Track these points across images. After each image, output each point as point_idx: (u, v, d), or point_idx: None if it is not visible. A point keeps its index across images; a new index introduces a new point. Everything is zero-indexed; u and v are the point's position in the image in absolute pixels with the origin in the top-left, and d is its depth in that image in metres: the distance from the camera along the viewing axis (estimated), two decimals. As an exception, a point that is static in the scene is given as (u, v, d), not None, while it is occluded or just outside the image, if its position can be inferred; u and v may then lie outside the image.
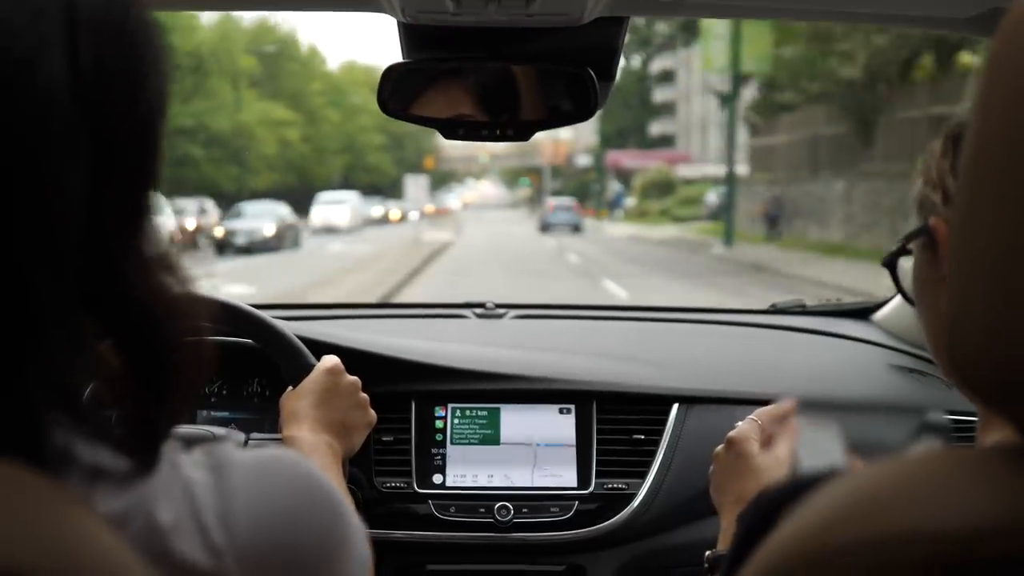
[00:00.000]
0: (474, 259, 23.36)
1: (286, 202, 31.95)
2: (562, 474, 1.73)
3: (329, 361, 1.42)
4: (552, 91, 1.46)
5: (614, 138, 61.76)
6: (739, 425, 1.24)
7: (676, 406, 1.77)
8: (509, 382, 1.79)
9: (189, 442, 0.65)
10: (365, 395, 1.41)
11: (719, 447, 1.24)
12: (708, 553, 1.17)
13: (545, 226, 38.74)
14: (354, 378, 1.41)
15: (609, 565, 1.72)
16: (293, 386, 1.43)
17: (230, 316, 1.53)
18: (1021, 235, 0.47)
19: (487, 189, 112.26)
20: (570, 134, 70.13)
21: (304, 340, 1.56)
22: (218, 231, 27.05)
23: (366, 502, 1.61)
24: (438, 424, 1.76)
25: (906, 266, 0.95)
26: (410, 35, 1.41)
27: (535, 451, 1.75)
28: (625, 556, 1.72)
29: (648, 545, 1.72)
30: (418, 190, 35.21)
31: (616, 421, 1.77)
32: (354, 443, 1.39)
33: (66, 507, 0.52)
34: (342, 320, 2.10)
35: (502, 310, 2.13)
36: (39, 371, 0.55)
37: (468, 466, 1.74)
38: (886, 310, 2.14)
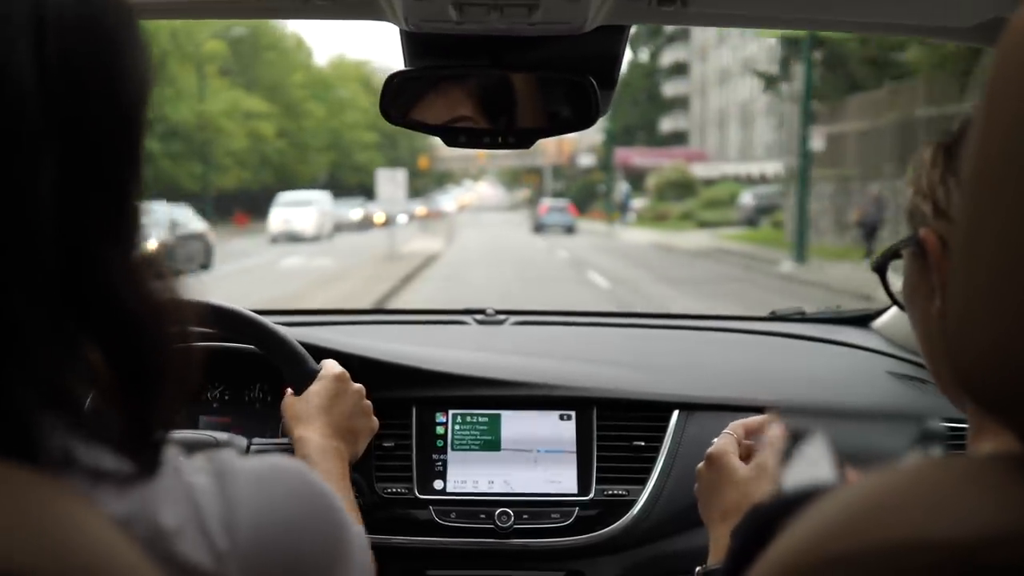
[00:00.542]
0: (466, 280, 18.68)
1: (255, 202, 29.44)
2: (562, 480, 1.73)
3: (336, 367, 1.43)
4: (553, 99, 1.47)
5: (621, 136, 58.48)
6: (716, 441, 1.25)
7: (676, 413, 1.77)
8: (510, 388, 1.79)
9: (191, 447, 0.65)
10: (369, 402, 1.43)
11: (700, 464, 1.25)
12: (698, 569, 1.17)
13: (539, 227, 38.58)
14: (359, 385, 1.43)
15: (609, 571, 1.72)
16: (295, 391, 1.44)
17: (231, 321, 1.53)
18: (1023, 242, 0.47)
19: (485, 190, 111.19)
20: (573, 133, 68.48)
21: (305, 346, 1.57)
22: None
23: (367, 508, 1.62)
24: (439, 430, 1.76)
25: (897, 272, 0.95)
26: (412, 43, 1.42)
27: (535, 457, 1.75)
28: (625, 562, 1.72)
29: (648, 552, 1.72)
30: (394, 188, 25.71)
31: (616, 427, 1.77)
32: (358, 449, 1.41)
33: (67, 507, 0.52)
34: (343, 326, 2.10)
35: (502, 316, 2.14)
36: (27, 374, 0.55)
37: (469, 472, 1.74)
38: (885, 317, 2.14)
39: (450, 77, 1.46)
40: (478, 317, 2.14)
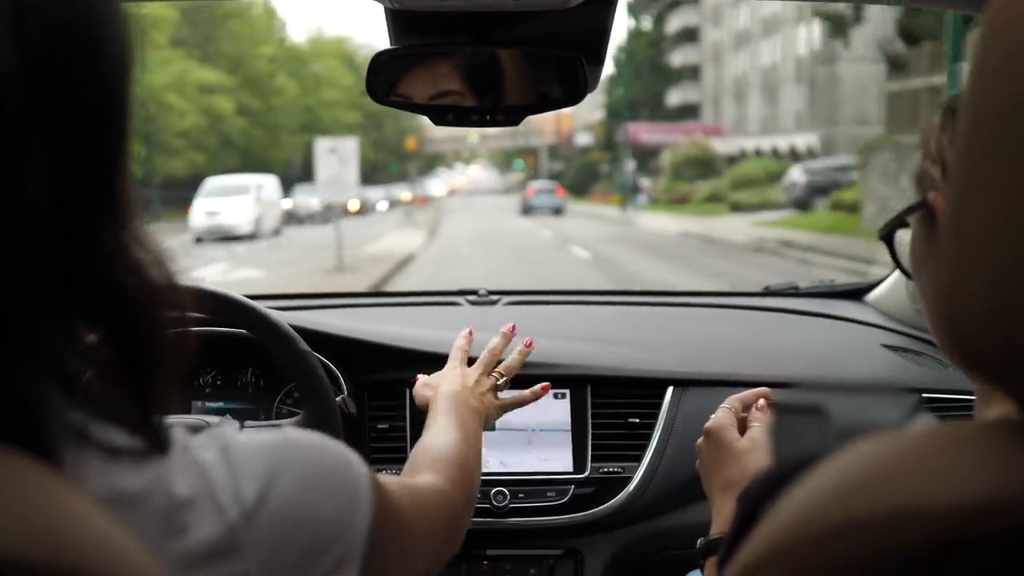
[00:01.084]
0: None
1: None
2: (558, 459, 1.73)
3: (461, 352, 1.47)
4: (541, 75, 1.46)
5: (623, 111, 52.33)
6: (713, 415, 1.26)
7: (671, 389, 1.77)
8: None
9: (187, 430, 0.65)
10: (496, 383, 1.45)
11: (699, 440, 1.26)
12: (701, 540, 1.17)
13: (527, 209, 38.14)
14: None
15: (606, 548, 1.72)
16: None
17: (220, 305, 1.52)
18: (1019, 207, 0.47)
19: (477, 174, 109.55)
20: (568, 109, 64.01)
21: (298, 329, 1.56)
22: None
23: None
24: None
25: (904, 240, 0.94)
26: (398, 21, 1.40)
27: (530, 436, 1.75)
28: (622, 539, 1.72)
29: (644, 528, 1.72)
30: (339, 166, 17.39)
31: (611, 405, 1.77)
32: (489, 418, 1.41)
33: (62, 494, 0.52)
34: (336, 309, 2.09)
35: (495, 296, 2.13)
36: (33, 357, 0.55)
37: None
38: (880, 290, 2.14)
39: (436, 54, 1.45)
40: (471, 298, 2.13)
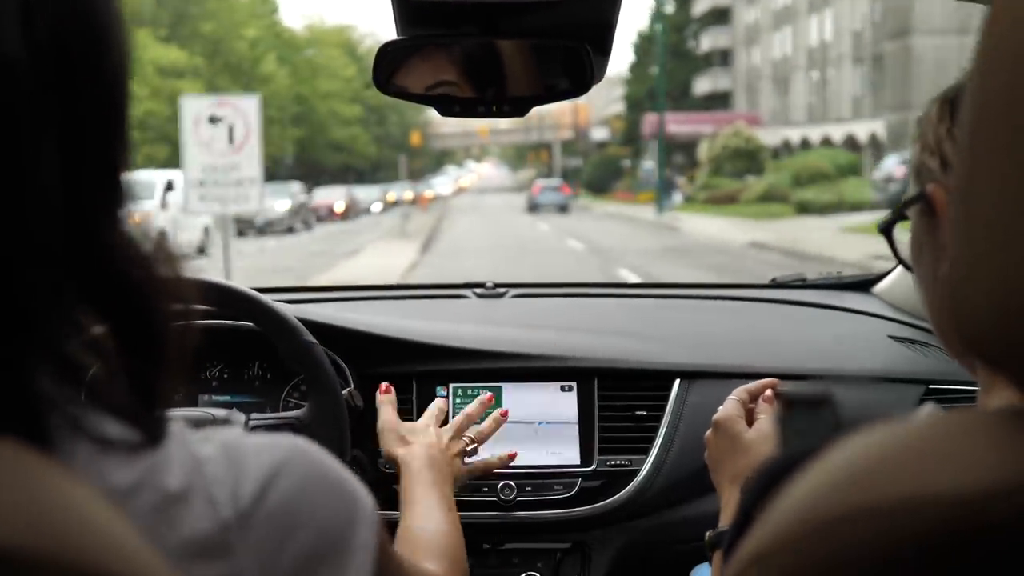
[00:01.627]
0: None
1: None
2: (565, 452, 1.73)
3: (434, 436, 1.43)
4: (548, 66, 1.46)
5: (645, 102, 48.34)
6: (721, 407, 1.26)
7: (678, 382, 1.76)
8: (510, 361, 1.78)
9: (191, 425, 0.65)
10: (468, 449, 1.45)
11: (708, 431, 1.26)
12: (709, 533, 1.17)
13: (533, 207, 38.00)
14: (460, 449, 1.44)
15: (613, 542, 1.72)
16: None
17: (226, 297, 1.53)
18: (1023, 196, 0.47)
19: (488, 171, 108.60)
20: (585, 100, 55.00)
21: (304, 322, 1.56)
22: None
23: (369, 484, 1.61)
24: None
25: (903, 233, 0.94)
26: (404, 12, 1.40)
27: (537, 429, 1.75)
28: (629, 532, 1.72)
29: (652, 521, 1.72)
30: (223, 148, 9.89)
31: (618, 398, 1.76)
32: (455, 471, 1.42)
33: (61, 484, 0.52)
34: (342, 302, 2.09)
35: (502, 289, 2.13)
36: (36, 347, 0.55)
37: None
38: (887, 282, 2.13)
39: (443, 46, 1.45)
40: (478, 291, 2.13)
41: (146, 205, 17.96)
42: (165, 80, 32.28)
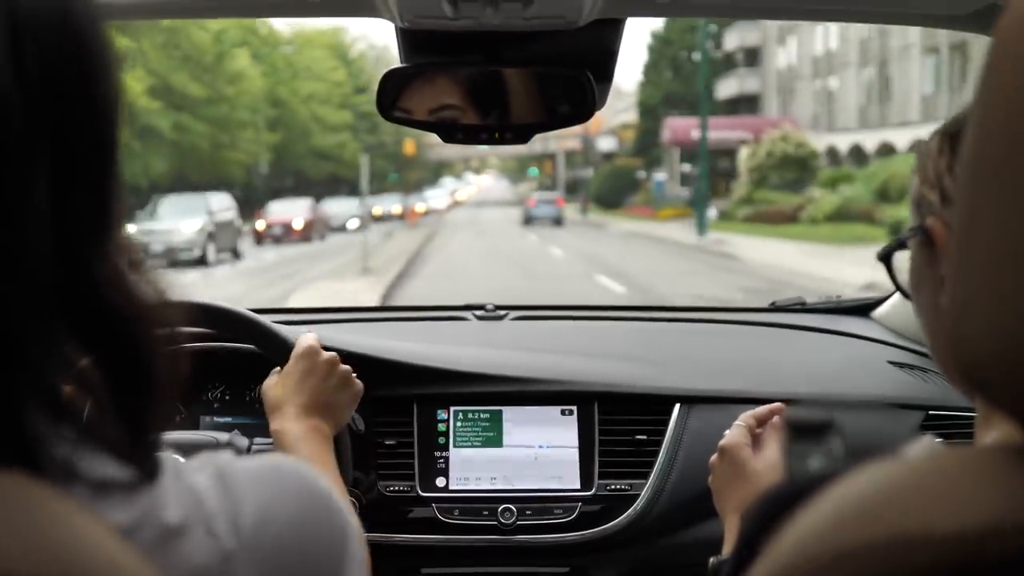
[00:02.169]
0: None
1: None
2: (565, 476, 1.73)
3: (302, 345, 1.38)
4: (550, 93, 1.47)
5: (660, 108, 44.84)
6: (728, 433, 1.25)
7: (678, 406, 1.76)
8: (511, 384, 1.79)
9: (192, 449, 0.65)
10: (346, 367, 1.38)
11: (713, 457, 1.26)
12: (713, 560, 1.17)
13: (528, 219, 37.77)
14: (331, 354, 1.37)
15: (613, 566, 1.72)
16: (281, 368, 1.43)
17: (226, 320, 1.53)
18: None
19: (487, 183, 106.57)
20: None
21: None
22: None
23: (369, 506, 1.61)
24: (440, 427, 1.76)
25: (902, 261, 0.95)
26: (408, 40, 1.41)
27: (537, 453, 1.75)
28: (629, 557, 1.72)
29: (652, 545, 1.72)
30: None
31: (618, 422, 1.77)
32: (341, 419, 1.38)
33: (69, 515, 0.52)
34: (343, 324, 2.09)
35: (502, 311, 2.13)
36: (29, 385, 0.55)
37: (471, 469, 1.74)
38: (886, 306, 2.14)
39: (447, 73, 1.46)
40: (478, 313, 2.13)
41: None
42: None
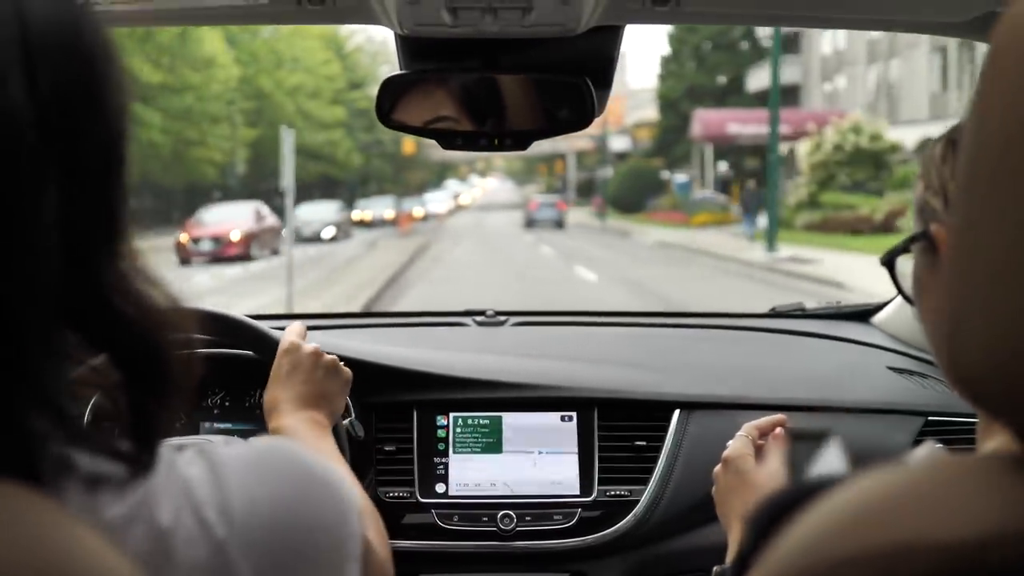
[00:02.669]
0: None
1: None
2: (564, 481, 1.73)
3: (285, 341, 1.38)
4: (549, 100, 1.47)
5: (683, 101, 40.79)
6: (730, 443, 1.25)
7: (677, 412, 1.77)
8: (510, 390, 1.79)
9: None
10: (331, 357, 1.38)
11: (717, 467, 1.25)
12: (716, 569, 1.17)
13: (530, 222, 37.28)
14: (313, 346, 1.37)
15: (613, 572, 1.72)
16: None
17: (223, 326, 1.53)
18: (1021, 243, 0.47)
19: (493, 185, 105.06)
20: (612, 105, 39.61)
21: None
22: None
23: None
24: (440, 433, 1.76)
25: (905, 266, 0.95)
26: (408, 47, 1.42)
27: (537, 459, 1.75)
28: (629, 563, 1.72)
29: (652, 551, 1.72)
30: None
31: (617, 428, 1.77)
32: (336, 407, 1.37)
33: (64, 525, 0.52)
34: (341, 329, 2.10)
35: (502, 317, 2.14)
36: (29, 389, 0.56)
37: (471, 475, 1.74)
38: (886, 312, 2.14)
39: (446, 80, 1.46)
40: (478, 318, 2.13)
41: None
42: None
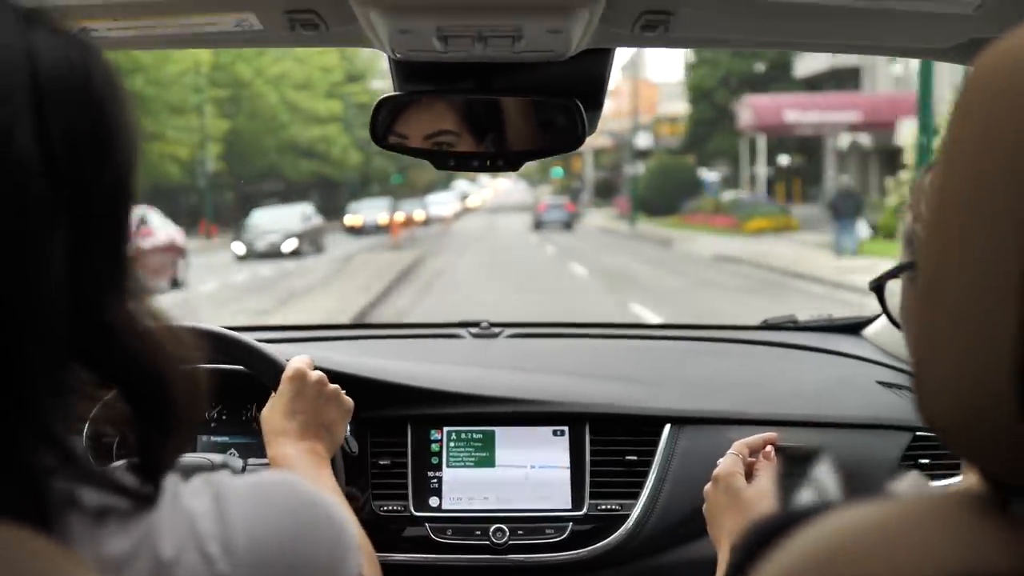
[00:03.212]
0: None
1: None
2: (556, 496, 1.75)
3: (291, 368, 1.39)
4: (541, 121, 1.49)
5: (718, 91, 37.42)
6: (721, 461, 1.26)
7: (668, 427, 1.78)
8: (503, 405, 1.80)
9: (188, 471, 0.67)
10: (334, 387, 1.39)
11: (707, 486, 1.26)
12: None
13: (538, 224, 36.97)
14: (318, 374, 1.38)
15: None
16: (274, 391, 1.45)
17: (214, 342, 1.54)
18: (984, 290, 0.47)
19: (505, 186, 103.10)
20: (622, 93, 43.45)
21: None
22: None
23: (363, 526, 1.63)
24: (434, 447, 1.78)
25: (893, 290, 0.97)
26: (401, 69, 1.44)
27: (529, 473, 1.76)
28: None
29: (643, 565, 1.73)
30: None
31: (609, 443, 1.78)
32: (336, 437, 1.38)
33: (64, 569, 0.54)
34: (334, 342, 2.11)
35: (497, 329, 2.15)
36: (35, 428, 0.57)
37: (464, 489, 1.75)
38: (877, 325, 2.15)
39: (439, 102, 1.48)
40: (473, 330, 2.14)
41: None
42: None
